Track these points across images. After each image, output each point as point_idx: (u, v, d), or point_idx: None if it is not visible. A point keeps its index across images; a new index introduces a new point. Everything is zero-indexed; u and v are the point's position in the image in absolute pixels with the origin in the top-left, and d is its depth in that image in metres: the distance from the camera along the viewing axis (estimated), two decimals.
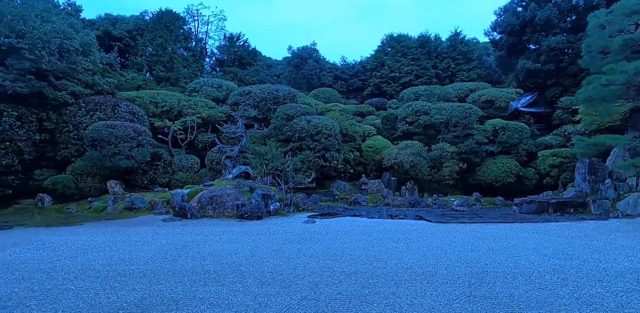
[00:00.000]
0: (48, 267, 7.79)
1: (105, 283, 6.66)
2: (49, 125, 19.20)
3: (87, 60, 22.19)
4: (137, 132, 18.89)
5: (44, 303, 5.74)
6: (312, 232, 11.64)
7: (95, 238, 11.02)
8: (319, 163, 21.22)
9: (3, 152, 17.07)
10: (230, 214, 15.29)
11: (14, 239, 10.96)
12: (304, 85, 45.75)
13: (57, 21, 20.76)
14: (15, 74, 17.41)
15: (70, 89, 19.87)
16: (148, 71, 35.65)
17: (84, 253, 9.00)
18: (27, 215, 15.86)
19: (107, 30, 35.70)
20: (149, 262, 8.11)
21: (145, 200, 17.27)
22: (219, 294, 5.97)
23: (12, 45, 17.49)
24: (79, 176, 18.24)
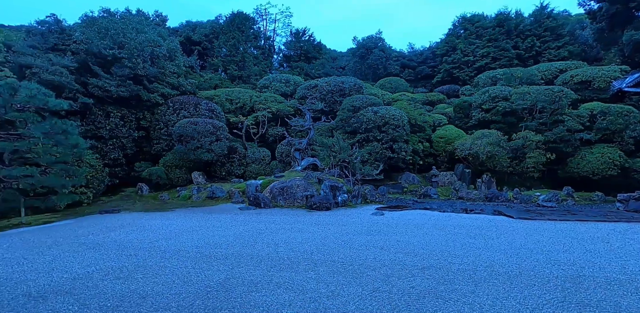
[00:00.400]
0: (149, 247, 8.98)
1: (195, 263, 7.45)
2: (144, 124, 21.95)
3: (173, 64, 24.67)
4: (216, 128, 20.55)
5: (147, 276, 6.65)
6: (381, 224, 11.52)
7: (185, 223, 12.36)
8: (386, 155, 20.79)
9: (111, 147, 20.03)
10: (299, 204, 15.87)
11: (121, 222, 12.84)
12: (370, 76, 44.92)
13: (148, 31, 23.37)
14: (118, 80, 20.14)
15: (161, 91, 22.35)
16: (223, 71, 38.39)
17: (177, 236, 10.17)
18: (130, 202, 18.44)
19: (188, 35, 39.18)
20: (230, 246, 8.85)
21: (224, 190, 18.79)
22: (294, 280, 6.27)
23: (115, 56, 20.23)
24: (169, 168, 20.57)
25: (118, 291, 5.90)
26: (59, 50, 20.11)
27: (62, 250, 8.83)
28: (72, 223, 12.84)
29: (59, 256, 8.22)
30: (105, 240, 9.85)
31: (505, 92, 23.96)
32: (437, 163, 23.40)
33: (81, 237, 10.33)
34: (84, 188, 16.54)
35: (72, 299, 5.59)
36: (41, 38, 20.15)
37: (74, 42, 20.75)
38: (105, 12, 24.72)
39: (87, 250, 8.77)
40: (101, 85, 19.45)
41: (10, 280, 6.61)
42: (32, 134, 12.30)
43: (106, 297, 5.64)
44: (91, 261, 7.75)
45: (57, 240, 9.90)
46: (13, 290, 6.06)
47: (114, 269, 7.10)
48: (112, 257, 8.08)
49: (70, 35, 21.22)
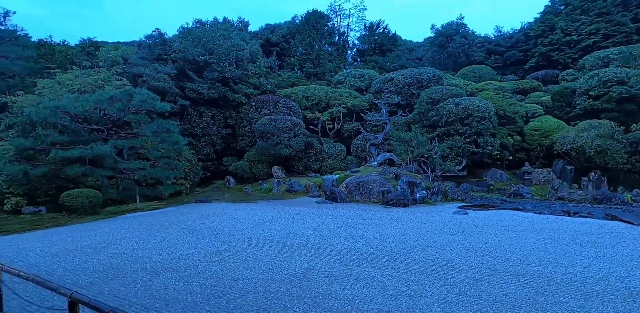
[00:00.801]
0: (237, 234, 9.80)
1: (278, 252, 7.90)
2: (231, 122, 23.95)
3: (254, 65, 26.36)
4: (294, 124, 21.42)
5: (238, 261, 7.26)
6: (465, 224, 10.75)
7: (267, 214, 13.19)
8: (469, 150, 19.27)
9: (204, 143, 22.33)
10: (375, 200, 15.69)
11: (213, 210, 14.25)
12: (450, 66, 41.99)
13: (233, 37, 25.31)
14: (208, 83, 22.29)
15: (244, 91, 24.10)
16: (299, 69, 39.75)
17: (261, 226, 10.91)
18: (219, 193, 20.36)
19: (267, 38, 41.42)
20: (309, 238, 9.18)
21: (301, 184, 19.53)
22: (373, 276, 6.23)
23: (206, 61, 22.40)
24: (252, 162, 22.15)
25: (214, 272, 6.56)
26: (162, 60, 23.02)
27: (167, 233, 10.16)
28: (174, 210, 14.68)
29: (166, 238, 9.48)
30: (201, 226, 11.04)
31: (622, 75, 20.19)
32: (530, 159, 20.91)
33: (182, 222, 11.75)
34: (182, 180, 18.77)
35: (178, 276, 6.40)
36: (148, 50, 23.30)
37: (173, 51, 23.54)
38: (197, 22, 27.48)
39: (187, 234, 9.94)
40: (195, 88, 21.74)
41: (131, 255, 7.84)
42: (144, 133, 14.35)
43: (204, 277, 6.32)
44: (191, 244, 8.76)
45: (164, 224, 11.42)
46: (133, 265, 7.18)
47: (209, 253, 7.92)
48: (207, 241, 9.02)
49: (170, 46, 24.12)
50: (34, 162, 13.36)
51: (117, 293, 5.67)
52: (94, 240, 9.41)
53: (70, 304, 3.85)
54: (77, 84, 16.71)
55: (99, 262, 7.39)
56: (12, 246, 8.94)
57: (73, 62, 23.99)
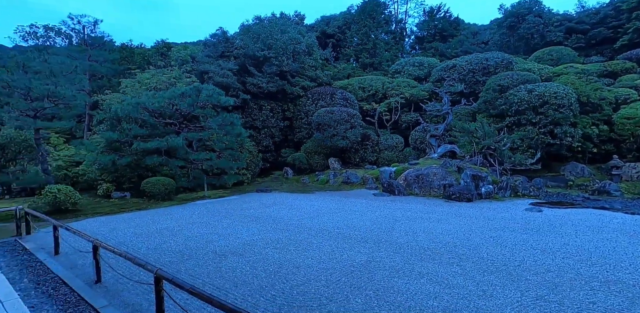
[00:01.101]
0: (297, 224, 10.09)
1: (337, 243, 7.97)
2: (288, 114, 24.56)
3: (311, 58, 26.57)
4: (350, 116, 21.28)
5: (298, 249, 7.47)
6: (539, 222, 9.82)
7: (325, 204, 13.36)
8: (544, 141, 17.45)
9: (264, 136, 23.25)
10: (436, 194, 15.03)
11: (273, 200, 14.82)
12: (521, 49, 38.17)
13: (290, 31, 25.71)
14: (267, 77, 23.01)
15: (301, 84, 24.47)
16: (355, 60, 39.17)
17: (319, 216, 11.09)
18: (278, 183, 21.12)
19: (323, 30, 41.38)
20: (368, 230, 9.11)
21: (358, 175, 19.43)
22: (437, 272, 5.99)
23: (265, 56, 23.11)
24: (309, 154, 22.55)
25: (277, 259, 6.84)
26: (225, 57, 24.26)
27: (233, 219, 10.81)
28: (238, 198, 15.57)
29: (231, 224, 10.10)
30: (263, 214, 11.56)
31: None
32: (620, 152, 18.34)
33: (245, 210, 12.42)
34: (244, 171, 19.79)
35: (244, 261, 6.78)
36: (213, 48, 24.69)
37: (235, 48, 24.64)
38: (257, 19, 28.38)
39: (251, 221, 10.48)
40: (255, 83, 22.60)
41: (202, 239, 8.50)
42: (210, 126, 15.33)
43: (268, 263, 6.61)
44: (254, 231, 9.22)
45: (229, 212, 12.18)
46: (204, 247, 7.77)
47: (272, 240, 8.27)
48: (269, 229, 9.42)
49: (232, 43, 25.27)
50: (120, 153, 15.06)
51: (192, 273, 6.18)
52: (170, 223, 10.37)
53: (156, 279, 4.28)
54: (153, 82, 18.37)
55: (176, 244, 8.12)
56: (105, 226, 10.23)
57: (149, 62, 26.38)
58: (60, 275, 6.15)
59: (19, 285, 5.82)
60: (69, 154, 18.69)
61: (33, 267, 6.76)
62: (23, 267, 6.77)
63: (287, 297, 5.09)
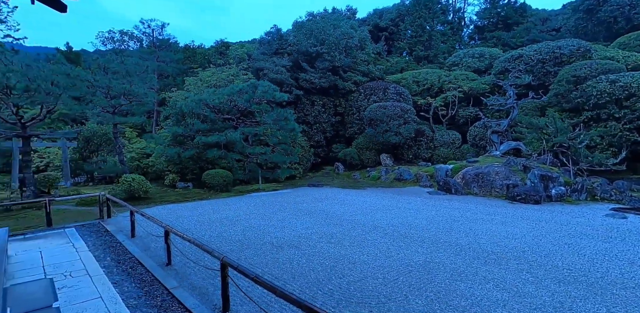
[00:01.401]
0: (350, 219, 10.04)
1: (393, 240, 7.78)
2: (340, 110, 24.50)
3: (363, 52, 26.18)
4: (404, 111, 20.63)
5: (353, 245, 7.42)
6: (624, 230, 8.71)
7: (377, 201, 13.15)
8: (629, 139, 15.39)
9: (315, 131, 23.48)
10: (498, 194, 14.03)
11: (325, 195, 14.92)
12: (601, 34, 33.96)
13: (342, 26, 25.51)
14: (320, 73, 23.12)
15: (353, 79, 24.23)
16: (408, 53, 37.81)
17: (372, 213, 10.93)
18: (329, 178, 21.24)
19: (375, 23, 40.51)
20: (424, 229, 8.77)
21: (411, 173, 18.82)
22: (504, 278, 5.57)
23: (318, 52, 23.22)
24: (360, 149, 22.34)
25: (332, 253, 6.86)
26: (279, 54, 24.83)
27: (287, 212, 11.07)
28: (290, 192, 15.93)
29: (286, 217, 10.35)
30: (316, 209, 11.69)
31: None
32: None
33: (298, 204, 12.66)
34: (297, 165, 20.18)
35: (300, 253, 6.89)
36: (268, 46, 25.39)
37: (288, 45, 25.11)
38: (309, 15, 28.56)
39: (304, 215, 10.65)
40: (308, 79, 22.84)
41: (259, 229, 8.82)
42: (265, 121, 15.82)
43: (324, 257, 6.65)
44: (308, 225, 9.35)
45: (283, 205, 12.50)
46: (261, 238, 8.05)
47: (326, 234, 8.32)
48: (322, 223, 9.49)
49: (286, 40, 25.77)
50: (184, 146, 16.17)
51: (251, 262, 6.43)
52: (229, 213, 10.92)
53: (222, 266, 4.49)
54: (213, 79, 19.42)
55: (235, 233, 8.52)
56: (172, 213, 11.07)
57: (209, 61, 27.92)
58: (137, 256, 6.77)
59: (103, 263, 6.50)
60: (140, 147, 20.54)
61: (114, 247, 7.53)
62: (106, 246, 7.56)
63: (344, 293, 5.07)
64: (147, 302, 4.89)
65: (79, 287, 5.24)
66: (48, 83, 12.97)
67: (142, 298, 5.01)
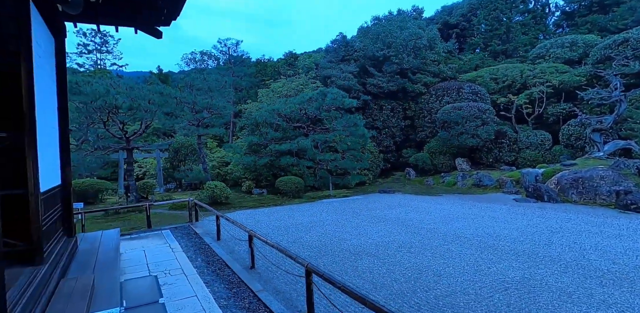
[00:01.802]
0: (428, 228, 9.46)
1: (480, 252, 7.09)
2: (409, 113, 23.68)
3: (432, 52, 25.05)
4: (481, 111, 19.10)
5: (436, 256, 6.93)
6: None
7: (456, 209, 12.24)
8: None
9: (384, 136, 23.00)
10: (604, 202, 12.06)
11: (398, 201, 14.40)
12: None
13: (410, 27, 24.78)
14: (387, 77, 22.70)
15: (423, 81, 23.29)
16: (482, 49, 35.19)
17: (452, 221, 10.18)
18: (400, 184, 20.52)
19: (444, 20, 38.63)
20: (516, 241, 7.85)
21: (492, 178, 17.24)
22: (632, 304, 4.65)
23: (385, 55, 22.87)
24: (433, 154, 21.22)
25: (414, 264, 6.48)
26: (345, 60, 25.02)
27: (360, 219, 10.89)
28: (361, 198, 15.71)
29: (360, 224, 10.18)
30: (390, 216, 11.30)
31: None
32: None
33: (371, 210, 12.39)
34: (366, 171, 19.91)
35: (379, 262, 6.65)
36: (334, 53, 25.78)
37: (354, 51, 25.18)
38: (375, 19, 28.36)
39: (378, 222, 10.35)
40: (375, 83, 22.56)
41: (334, 236, 8.78)
42: (335, 128, 15.93)
43: (405, 267, 6.32)
44: (384, 233, 9.05)
45: (356, 211, 12.34)
46: (337, 245, 7.98)
47: (404, 243, 7.93)
48: (399, 231, 9.10)
49: (352, 47, 25.90)
50: (259, 154, 17.07)
51: (329, 269, 6.38)
52: (303, 219, 11.13)
53: (307, 272, 4.50)
54: (284, 90, 20.29)
55: (311, 239, 8.61)
56: (250, 218, 11.66)
57: (279, 72, 29.33)
58: (224, 258, 7.20)
59: (195, 263, 7.04)
60: (220, 156, 22.27)
61: (203, 249, 8.13)
62: (196, 248, 8.21)
63: (433, 308, 4.71)
64: (236, 303, 5.12)
65: (177, 285, 5.73)
66: (146, 101, 14.82)
67: (231, 299, 5.27)
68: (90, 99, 13.41)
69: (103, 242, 6.50)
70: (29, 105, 3.94)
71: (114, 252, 5.82)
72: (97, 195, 16.34)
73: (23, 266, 4.00)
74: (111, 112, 14.92)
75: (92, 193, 15.96)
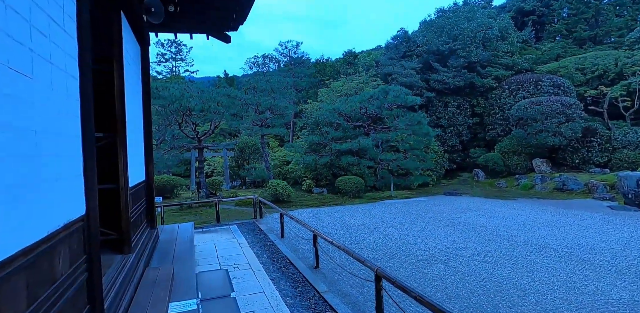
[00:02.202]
0: (505, 235, 8.58)
1: (573, 267, 6.19)
2: (478, 110, 21.99)
3: (505, 43, 22.98)
4: (565, 106, 16.97)
5: (517, 268, 6.20)
6: None
7: (537, 215, 10.98)
8: None
9: (449, 135, 21.67)
10: None
11: (466, 204, 13.38)
12: None
13: (478, 17, 23.01)
14: (453, 72, 21.34)
15: (493, 74, 21.47)
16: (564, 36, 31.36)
17: (532, 229, 9.13)
18: (467, 186, 19.12)
19: (518, 7, 35.20)
20: (618, 256, 6.73)
21: (579, 181, 15.21)
22: None
23: (450, 49, 21.53)
24: (505, 154, 19.41)
25: (491, 275, 5.87)
26: (407, 57, 24.10)
27: (426, 223, 10.29)
28: (425, 200, 14.93)
29: (426, 228, 9.61)
30: (459, 220, 10.52)
31: None
32: None
33: (437, 213, 11.67)
34: (429, 172, 18.93)
35: (451, 271, 6.15)
36: (395, 50, 24.99)
37: (417, 46, 24.12)
38: (439, 11, 26.87)
39: (446, 227, 9.68)
40: (440, 79, 21.35)
41: (398, 239, 8.38)
42: (397, 126, 15.37)
43: (481, 278, 5.75)
44: (453, 238, 8.41)
45: (420, 214, 11.73)
46: (403, 249, 7.59)
47: (478, 251, 7.27)
48: (470, 238, 8.39)
49: (414, 42, 24.86)
50: (319, 154, 17.16)
51: (397, 274, 6.06)
52: (365, 220, 10.87)
53: (376, 277, 4.26)
54: (344, 89, 20.18)
55: (375, 241, 8.33)
56: (313, 217, 11.72)
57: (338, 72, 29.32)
58: (288, 256, 7.27)
59: (261, 259, 7.21)
60: (281, 155, 22.91)
61: (268, 245, 8.32)
62: (261, 244, 8.44)
63: None
64: (302, 303, 5.08)
65: (245, 280, 5.89)
66: (215, 103, 15.78)
67: (297, 298, 5.25)
68: (168, 102, 14.64)
69: (180, 233, 6.96)
70: (121, 107, 4.29)
71: (189, 244, 6.17)
72: (173, 190, 17.82)
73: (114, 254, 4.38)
74: (185, 114, 16.14)
75: (169, 189, 17.43)
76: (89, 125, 2.59)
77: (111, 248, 4.53)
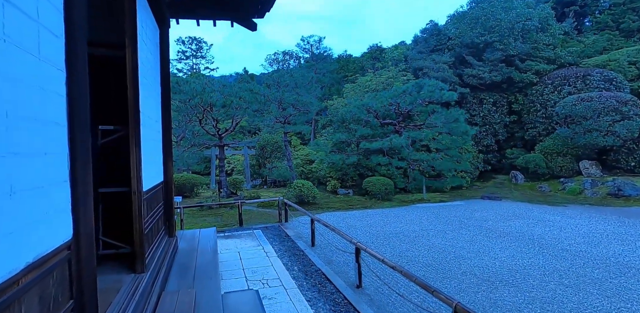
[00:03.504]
0: (572, 250, 7.36)
1: None
2: (516, 108, 20.41)
3: (545, 35, 21.28)
4: (620, 102, 15.31)
5: (608, 295, 5.06)
6: None
7: (598, 226, 9.64)
8: None
9: (484, 134, 20.21)
10: None
11: (512, 211, 12.09)
12: None
13: (517, 6, 21.36)
14: (490, 66, 19.86)
15: (534, 68, 19.87)
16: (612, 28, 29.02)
17: (601, 242, 7.86)
18: (505, 189, 17.68)
19: None
20: None
21: (638, 186, 13.61)
22: None
23: (486, 42, 20.05)
24: (547, 155, 17.83)
25: (577, 304, 4.76)
26: (437, 50, 22.73)
27: (472, 231, 9.15)
28: (463, 205, 13.70)
29: (474, 238, 8.48)
30: (509, 229, 9.32)
31: None
32: None
33: (481, 221, 10.49)
34: (463, 173, 17.60)
35: (524, 296, 5.06)
36: (424, 43, 23.65)
37: (448, 39, 22.71)
38: (472, 1, 25.27)
39: (497, 237, 8.52)
40: (474, 74, 19.92)
41: (445, 251, 7.31)
42: (433, 124, 14.19)
43: (569, 309, 4.64)
44: (510, 252, 7.27)
45: (462, 221, 10.57)
46: (456, 265, 6.53)
47: (548, 271, 6.12)
48: (532, 252, 7.23)
49: (445, 35, 23.43)
50: (345, 153, 16.17)
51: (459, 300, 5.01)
52: (402, 227, 9.82)
53: None
54: (372, 84, 19.08)
55: (419, 254, 7.29)
56: (342, 222, 10.77)
57: (362, 67, 28.18)
58: (323, 270, 6.34)
59: (292, 273, 6.31)
60: (304, 154, 22.04)
61: (298, 255, 7.42)
62: (291, 254, 7.55)
63: None
64: None
65: (278, 301, 5.00)
66: (237, 98, 15.04)
67: None
68: (188, 97, 14.00)
69: (201, 242, 6.14)
70: (134, 95, 3.44)
71: (212, 255, 5.33)
72: (193, 189, 17.26)
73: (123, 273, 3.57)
74: (206, 110, 15.49)
75: (188, 187, 16.88)
76: (81, 108, 1.73)
77: (120, 265, 3.72)
